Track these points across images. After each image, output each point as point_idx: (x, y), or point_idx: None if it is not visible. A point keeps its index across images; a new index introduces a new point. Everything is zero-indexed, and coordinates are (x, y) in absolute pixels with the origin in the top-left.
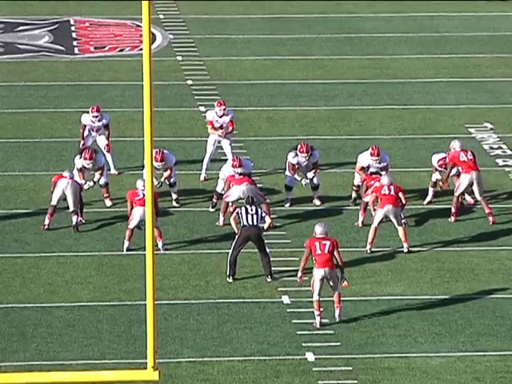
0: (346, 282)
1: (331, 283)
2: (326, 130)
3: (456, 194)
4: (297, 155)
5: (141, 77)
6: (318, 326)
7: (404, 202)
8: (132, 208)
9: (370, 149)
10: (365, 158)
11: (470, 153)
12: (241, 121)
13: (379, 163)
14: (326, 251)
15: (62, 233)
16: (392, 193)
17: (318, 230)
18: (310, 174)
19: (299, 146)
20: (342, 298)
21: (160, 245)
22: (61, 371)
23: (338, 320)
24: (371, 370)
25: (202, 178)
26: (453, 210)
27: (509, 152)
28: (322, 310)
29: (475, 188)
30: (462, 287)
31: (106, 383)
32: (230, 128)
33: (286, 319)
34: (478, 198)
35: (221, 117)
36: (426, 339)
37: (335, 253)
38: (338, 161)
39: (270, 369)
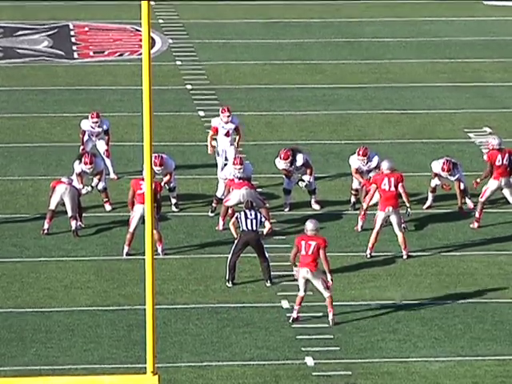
0: (330, 282)
1: (316, 284)
2: (325, 134)
3: (481, 199)
4: (280, 161)
5: (140, 81)
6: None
7: (405, 197)
8: (133, 196)
9: (357, 149)
10: (354, 160)
11: (507, 156)
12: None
13: (366, 163)
14: (311, 252)
15: (62, 237)
16: (392, 188)
17: (309, 226)
18: (306, 177)
19: (280, 152)
20: (342, 303)
21: (159, 249)
22: (60, 376)
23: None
24: (370, 374)
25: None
26: (477, 216)
27: None
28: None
29: (506, 192)
30: (462, 292)
31: None
32: (238, 137)
33: (286, 324)
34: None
35: (226, 123)
36: (426, 344)
37: (321, 253)
38: (337, 165)
39: (269, 373)
